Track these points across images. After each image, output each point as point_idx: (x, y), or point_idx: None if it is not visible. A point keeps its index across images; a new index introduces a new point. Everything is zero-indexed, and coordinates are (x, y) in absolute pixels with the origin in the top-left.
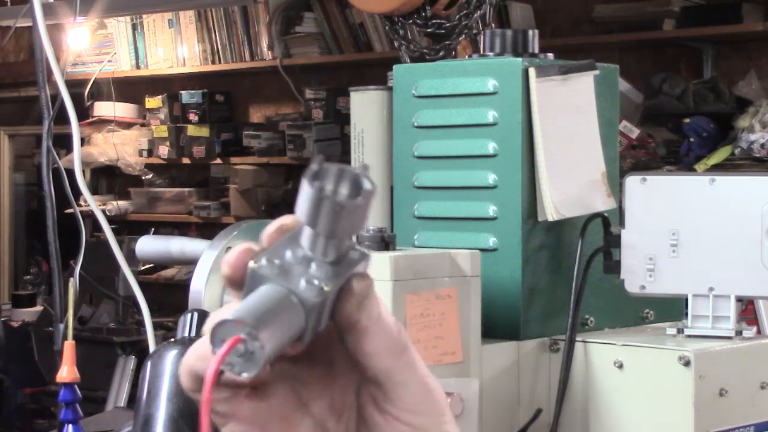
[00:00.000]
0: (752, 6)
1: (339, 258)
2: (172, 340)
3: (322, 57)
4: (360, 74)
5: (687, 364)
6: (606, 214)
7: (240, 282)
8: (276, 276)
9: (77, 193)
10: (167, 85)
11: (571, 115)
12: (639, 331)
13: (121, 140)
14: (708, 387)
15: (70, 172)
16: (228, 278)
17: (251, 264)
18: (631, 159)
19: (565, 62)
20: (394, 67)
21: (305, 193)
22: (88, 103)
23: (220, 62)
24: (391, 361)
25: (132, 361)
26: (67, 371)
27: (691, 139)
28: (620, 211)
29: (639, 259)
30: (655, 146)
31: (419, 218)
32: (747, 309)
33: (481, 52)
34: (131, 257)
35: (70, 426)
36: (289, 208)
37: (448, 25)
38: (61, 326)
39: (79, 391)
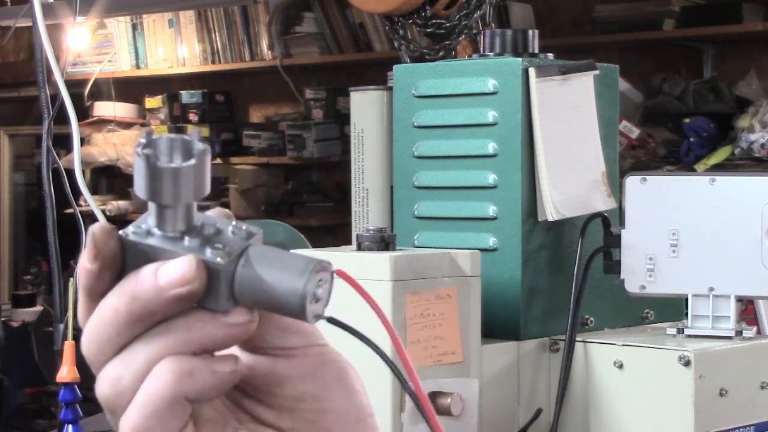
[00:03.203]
0: (752, 6)
1: (193, 228)
2: None
3: (322, 57)
4: (360, 74)
5: (687, 364)
6: (606, 214)
7: (111, 260)
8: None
9: (77, 193)
10: (167, 85)
11: (571, 115)
12: (639, 331)
13: (121, 140)
14: (708, 387)
15: (70, 172)
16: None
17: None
18: (631, 159)
19: (565, 62)
20: (394, 67)
21: (140, 167)
22: (88, 103)
23: (220, 62)
24: None
25: None
26: (67, 371)
27: (691, 139)
28: (620, 211)
29: (639, 259)
30: (655, 146)
31: (419, 218)
32: (747, 309)
33: (481, 52)
34: None
35: (70, 426)
36: (288, 207)
37: (448, 25)
38: (61, 326)
39: (79, 391)
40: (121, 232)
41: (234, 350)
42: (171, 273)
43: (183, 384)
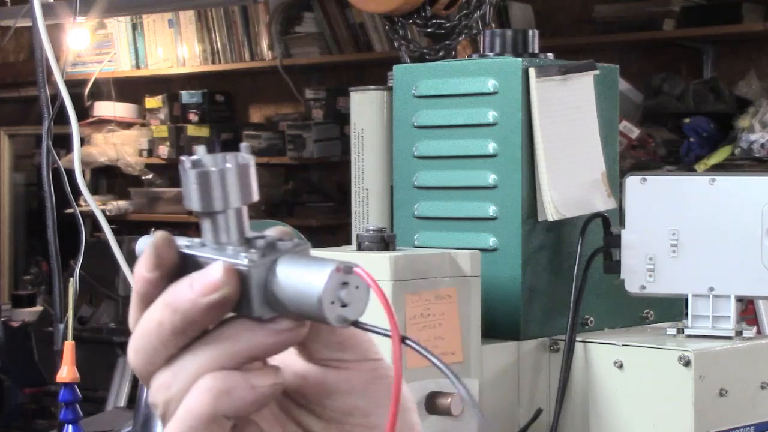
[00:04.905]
0: (752, 6)
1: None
2: None
3: (322, 57)
4: (360, 74)
5: (687, 364)
6: (606, 214)
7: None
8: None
9: (77, 193)
10: (167, 85)
11: (571, 115)
12: (639, 331)
13: (121, 140)
14: (708, 387)
15: (70, 172)
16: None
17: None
18: (631, 159)
19: (565, 62)
20: (394, 67)
21: (190, 178)
22: (88, 103)
23: (220, 62)
24: None
25: None
26: (67, 371)
27: (691, 139)
28: (620, 211)
29: (639, 259)
30: (655, 146)
31: (419, 218)
32: (747, 309)
33: (481, 52)
34: (131, 257)
35: (70, 426)
36: (289, 207)
37: (448, 25)
38: (61, 326)
39: (79, 391)
40: None
41: (294, 358)
42: (202, 281)
43: (220, 403)
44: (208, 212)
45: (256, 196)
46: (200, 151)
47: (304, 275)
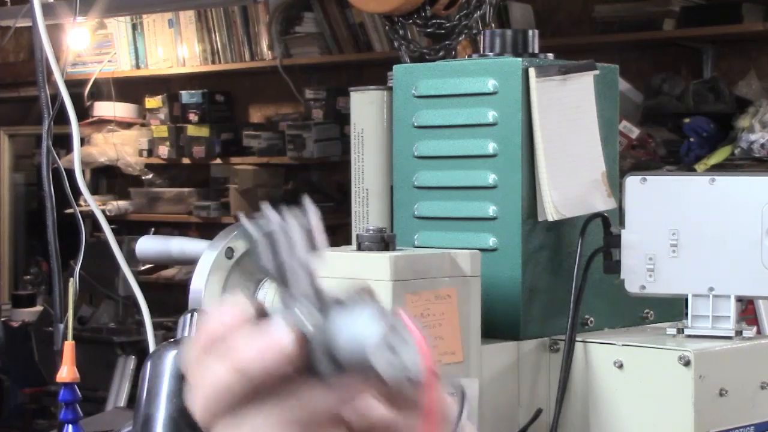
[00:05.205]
0: (752, 6)
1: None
2: (172, 340)
3: (322, 57)
4: (360, 74)
5: (687, 364)
6: (606, 214)
7: None
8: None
9: (77, 193)
10: (167, 85)
11: (571, 115)
12: (639, 331)
13: (121, 140)
14: (708, 387)
15: (70, 172)
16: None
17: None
18: (631, 159)
19: (565, 62)
20: (394, 67)
21: (265, 247)
22: (88, 103)
23: (220, 62)
24: None
25: (132, 361)
26: (67, 371)
27: (691, 139)
28: (620, 211)
29: (639, 259)
30: (655, 146)
31: (419, 218)
32: (747, 309)
33: (481, 52)
34: (131, 257)
35: (70, 426)
36: (288, 208)
37: (448, 25)
38: (61, 326)
39: (79, 391)
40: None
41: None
42: (272, 351)
43: None
44: (277, 271)
45: (322, 248)
46: (266, 211)
47: (356, 329)
